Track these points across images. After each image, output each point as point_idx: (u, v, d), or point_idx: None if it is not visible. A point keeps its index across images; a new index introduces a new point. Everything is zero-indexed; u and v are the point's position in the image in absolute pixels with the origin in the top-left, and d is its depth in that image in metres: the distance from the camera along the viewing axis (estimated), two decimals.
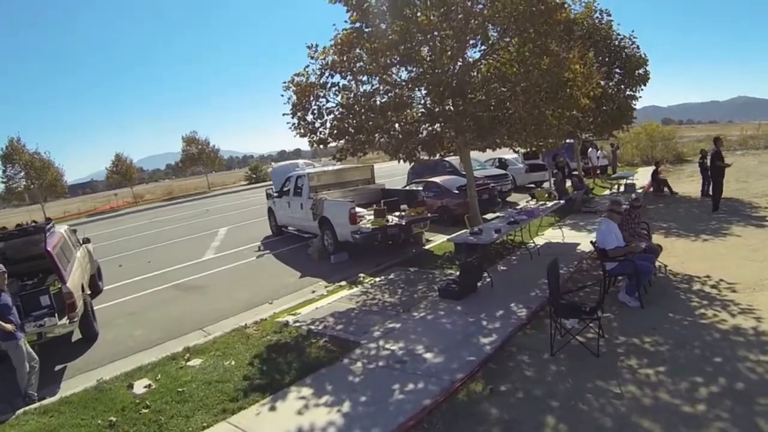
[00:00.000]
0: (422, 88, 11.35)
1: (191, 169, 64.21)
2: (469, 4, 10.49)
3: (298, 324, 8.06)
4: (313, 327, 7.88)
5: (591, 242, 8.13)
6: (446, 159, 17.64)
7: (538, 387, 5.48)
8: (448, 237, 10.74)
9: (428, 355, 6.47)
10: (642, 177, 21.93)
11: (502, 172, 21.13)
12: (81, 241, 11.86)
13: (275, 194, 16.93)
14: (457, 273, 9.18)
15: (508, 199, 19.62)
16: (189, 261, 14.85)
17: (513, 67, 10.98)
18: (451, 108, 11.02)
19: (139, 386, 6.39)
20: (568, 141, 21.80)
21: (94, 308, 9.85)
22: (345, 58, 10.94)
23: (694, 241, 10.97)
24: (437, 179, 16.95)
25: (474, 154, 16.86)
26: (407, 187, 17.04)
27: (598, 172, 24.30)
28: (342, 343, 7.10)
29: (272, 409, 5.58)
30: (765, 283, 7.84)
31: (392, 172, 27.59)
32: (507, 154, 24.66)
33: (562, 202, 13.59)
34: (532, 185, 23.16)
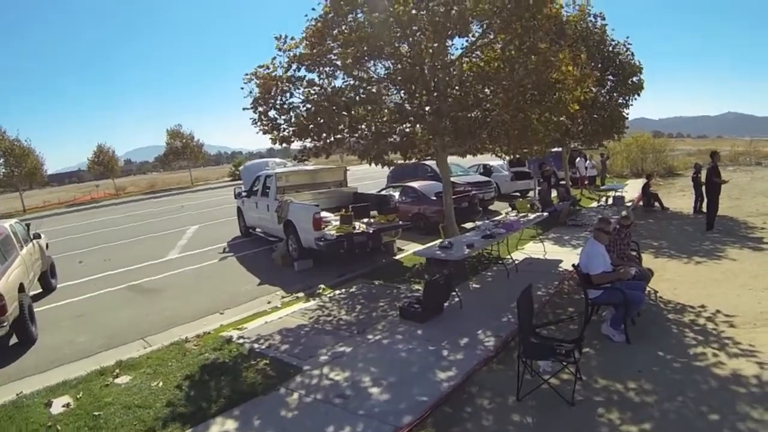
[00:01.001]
0: (394, 85, 10.38)
1: (177, 163, 63.05)
2: None
3: (241, 341, 7.31)
4: (256, 345, 7.11)
5: (573, 266, 7.13)
6: (427, 163, 16.75)
7: None
8: (415, 251, 9.78)
9: (375, 390, 5.57)
10: (632, 189, 21.10)
11: (486, 179, 20.19)
12: (32, 237, 11.05)
13: (244, 193, 16.05)
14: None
15: (491, 207, 18.66)
16: (151, 260, 14.13)
17: (496, 65, 10.05)
18: (425, 106, 10.06)
19: (58, 405, 5.79)
20: (555, 149, 20.97)
21: (43, 308, 9.73)
22: (315, 51, 9.98)
23: (686, 264, 10.06)
24: (415, 184, 16.00)
25: (458, 160, 16.03)
26: (382, 192, 16.04)
27: (587, 182, 23.46)
28: (283, 368, 6.30)
29: None
30: (767, 316, 6.92)
31: (370, 175, 26.75)
32: (492, 160, 23.82)
33: (545, 214, 12.61)
34: (518, 194, 22.32)
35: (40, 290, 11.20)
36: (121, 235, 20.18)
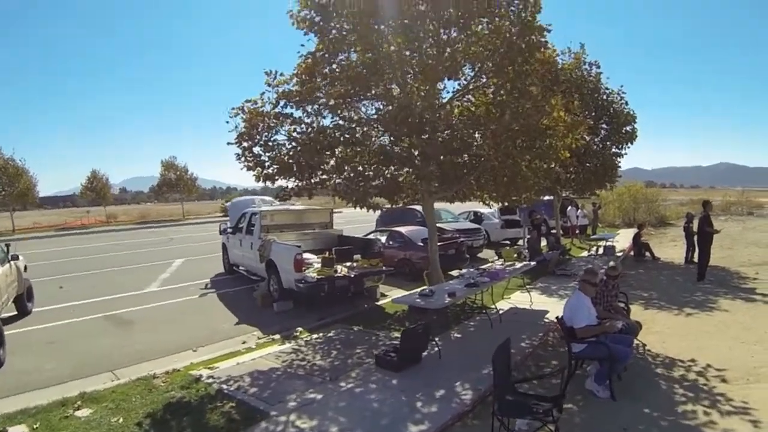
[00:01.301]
0: (381, 126, 10.22)
1: (170, 195, 62.67)
2: (444, 36, 9.46)
3: (210, 380, 7.02)
4: (225, 386, 6.79)
5: (556, 318, 6.79)
6: (417, 208, 16.53)
7: None
8: (394, 298, 9.43)
9: None
10: (623, 239, 20.93)
11: (475, 226, 19.96)
12: (9, 258, 10.76)
13: (229, 230, 15.79)
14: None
15: (480, 255, 18.38)
16: (131, 291, 13.87)
17: (485, 109, 9.92)
18: (411, 149, 9.89)
19: None
20: (547, 198, 20.84)
21: (16, 331, 9.75)
22: (305, 89, 9.85)
23: (677, 315, 9.74)
24: (402, 229, 15.72)
25: (448, 206, 15.79)
26: (369, 236, 15.76)
27: (578, 232, 23.26)
28: (249, 412, 5.96)
29: None
30: (760, 371, 6.64)
31: (357, 218, 26.55)
32: (483, 207, 23.69)
33: (532, 263, 12.30)
34: (508, 242, 22.08)
35: (15, 313, 11.03)
36: (106, 264, 19.90)
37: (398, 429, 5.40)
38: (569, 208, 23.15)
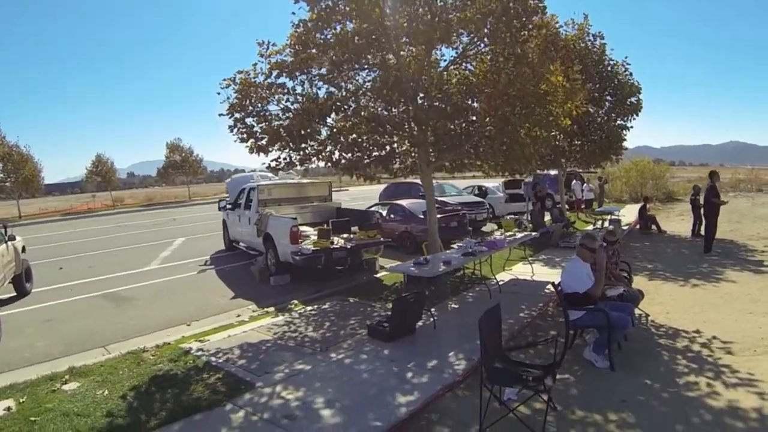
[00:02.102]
0: (373, 94, 9.92)
1: (177, 177, 62.33)
2: (440, 3, 9.11)
3: (200, 353, 6.92)
4: (213, 359, 6.69)
5: (552, 284, 6.51)
6: (419, 183, 16.30)
7: None
8: (389, 266, 9.19)
9: (326, 413, 5.02)
10: (629, 214, 20.54)
11: (479, 200, 19.67)
12: (6, 238, 10.78)
13: (228, 206, 15.60)
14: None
15: (484, 229, 18.06)
16: (131, 270, 13.79)
17: (482, 75, 9.59)
18: (404, 114, 9.59)
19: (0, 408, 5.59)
20: (552, 172, 20.46)
21: (13, 311, 9.75)
22: (298, 59, 9.53)
23: (682, 286, 9.45)
24: (403, 202, 15.47)
25: (451, 182, 15.42)
26: (370, 209, 15.53)
27: (583, 206, 22.89)
28: (235, 383, 5.86)
29: None
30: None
31: (363, 195, 26.35)
32: (488, 182, 23.44)
33: (534, 234, 12.02)
34: (512, 216, 21.81)
35: (14, 294, 11.01)
36: (107, 244, 19.86)
37: (386, 399, 5.21)
38: (574, 182, 22.78)
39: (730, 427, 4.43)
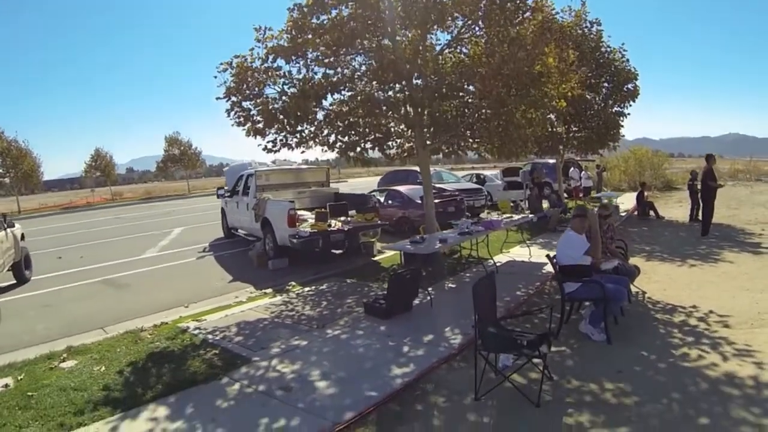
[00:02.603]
0: (368, 76, 9.88)
1: (175, 170, 62.14)
2: None
3: (197, 331, 7.00)
4: (210, 336, 6.77)
5: (547, 256, 6.50)
6: (417, 170, 16.28)
7: None
8: (386, 245, 9.19)
9: (321, 384, 5.08)
10: (627, 201, 20.49)
11: (477, 186, 19.74)
12: (5, 225, 10.79)
13: (227, 194, 15.57)
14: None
15: (482, 216, 18.03)
16: (129, 257, 13.83)
17: (477, 57, 9.56)
18: (398, 94, 9.55)
19: None
20: (550, 161, 20.39)
21: (12, 297, 9.83)
22: (294, 44, 9.49)
23: (680, 266, 9.43)
24: (400, 188, 15.48)
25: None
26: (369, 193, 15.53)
27: (582, 194, 22.86)
28: (231, 359, 5.95)
29: (113, 429, 4.52)
30: (765, 317, 6.32)
31: (363, 186, 26.38)
32: (487, 170, 23.48)
33: (531, 216, 12.02)
34: (510, 204, 21.84)
35: (13, 281, 11.04)
36: (106, 235, 19.96)
37: (382, 372, 5.24)
38: (572, 169, 22.73)
39: (727, 394, 4.42)
